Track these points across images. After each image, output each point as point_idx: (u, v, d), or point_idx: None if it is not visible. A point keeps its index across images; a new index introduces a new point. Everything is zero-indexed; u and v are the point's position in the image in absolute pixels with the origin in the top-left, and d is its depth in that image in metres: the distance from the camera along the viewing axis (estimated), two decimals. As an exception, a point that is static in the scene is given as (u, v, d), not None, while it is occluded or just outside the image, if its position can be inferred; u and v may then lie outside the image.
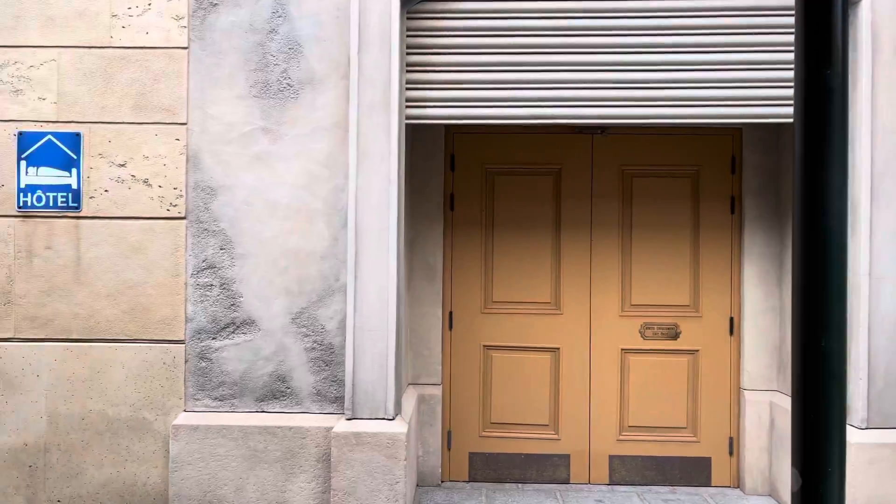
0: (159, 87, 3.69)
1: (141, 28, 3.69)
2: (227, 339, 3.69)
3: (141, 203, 3.69)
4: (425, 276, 4.51)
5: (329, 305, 3.68)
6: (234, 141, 3.69)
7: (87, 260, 3.69)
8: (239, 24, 3.70)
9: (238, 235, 3.69)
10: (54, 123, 3.70)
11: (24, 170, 3.69)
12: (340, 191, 3.68)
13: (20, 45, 3.69)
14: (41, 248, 3.69)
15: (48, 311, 3.69)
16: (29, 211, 3.69)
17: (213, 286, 3.69)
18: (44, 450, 3.67)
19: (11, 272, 3.69)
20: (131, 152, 3.69)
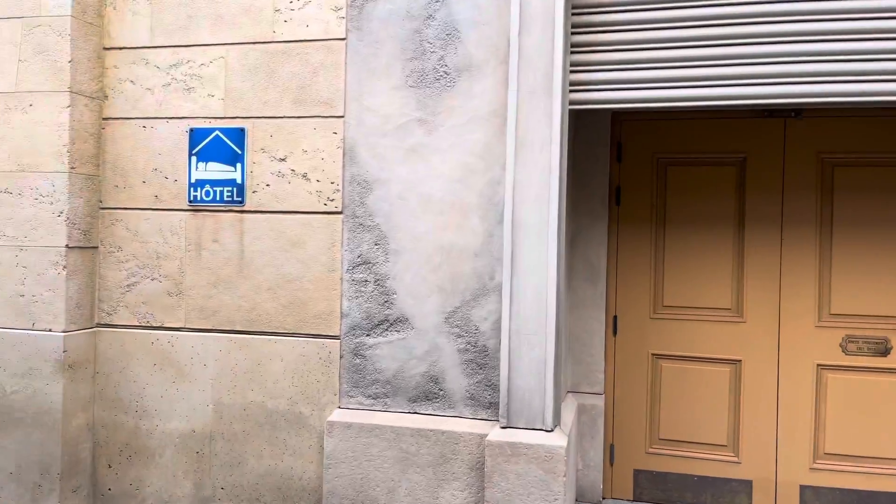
0: (318, 81, 3.66)
1: (301, 21, 3.68)
2: (381, 337, 3.60)
3: (300, 197, 3.69)
4: (587, 277, 4.17)
5: (483, 305, 3.47)
6: (390, 133, 3.58)
7: (250, 253, 3.75)
8: (396, 12, 3.58)
9: (392, 230, 3.58)
10: (221, 119, 3.79)
11: (194, 165, 3.82)
12: (497, 183, 3.45)
13: (192, 44, 3.82)
14: (209, 242, 3.80)
15: (214, 302, 3.79)
16: (198, 205, 3.81)
17: (368, 282, 3.61)
18: (209, 437, 3.78)
19: (183, 264, 3.83)
20: (291, 146, 3.70)
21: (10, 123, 3.77)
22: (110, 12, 3.91)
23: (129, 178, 3.90)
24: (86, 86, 3.81)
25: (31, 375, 3.74)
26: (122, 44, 3.90)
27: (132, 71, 3.89)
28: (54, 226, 3.73)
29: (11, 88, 3.77)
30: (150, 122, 3.87)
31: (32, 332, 3.75)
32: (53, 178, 3.73)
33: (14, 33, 3.76)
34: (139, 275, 3.89)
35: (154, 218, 3.87)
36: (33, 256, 3.75)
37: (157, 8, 3.85)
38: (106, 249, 3.93)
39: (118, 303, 3.91)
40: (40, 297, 3.74)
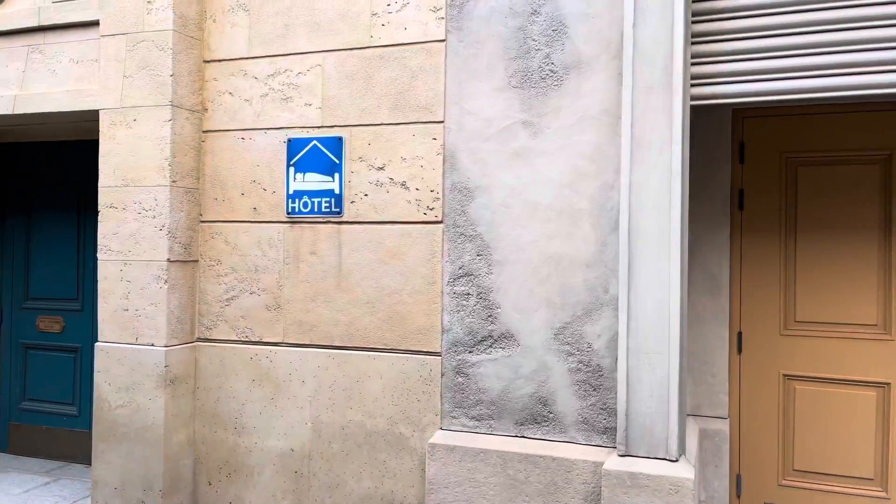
0: (416, 85, 3.50)
1: (399, 24, 3.54)
2: (485, 354, 3.38)
3: (398, 207, 3.53)
4: (707, 289, 3.81)
5: (596, 321, 3.19)
6: (492, 137, 3.37)
7: (348, 266, 3.62)
8: (498, 10, 3.38)
9: (496, 240, 3.36)
10: (319, 129, 3.69)
11: (292, 176, 3.74)
12: (609, 188, 3.17)
13: (290, 53, 3.74)
14: (307, 254, 3.70)
15: (312, 316, 3.68)
16: (296, 217, 3.72)
17: (470, 295, 3.40)
18: (308, 457, 3.66)
19: (281, 277, 3.75)
20: (389, 154, 3.55)
21: (115, 139, 3.81)
22: (210, 25, 3.90)
23: (227, 191, 3.86)
24: (186, 99, 3.80)
25: (134, 390, 3.74)
26: (222, 56, 3.88)
27: (231, 83, 3.86)
28: (156, 240, 3.73)
29: (116, 104, 3.81)
30: (248, 133, 3.82)
31: (136, 346, 3.75)
32: (155, 192, 3.73)
33: (119, 50, 3.80)
34: (238, 288, 3.83)
35: (253, 230, 3.81)
36: (136, 270, 3.76)
37: (256, 18, 3.81)
38: (206, 263, 3.90)
39: (218, 317, 3.87)
40: (143, 311, 3.74)
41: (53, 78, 4.04)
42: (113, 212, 3.81)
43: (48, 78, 4.04)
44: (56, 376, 4.93)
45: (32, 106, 4.02)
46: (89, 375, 4.78)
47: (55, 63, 4.04)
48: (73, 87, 3.96)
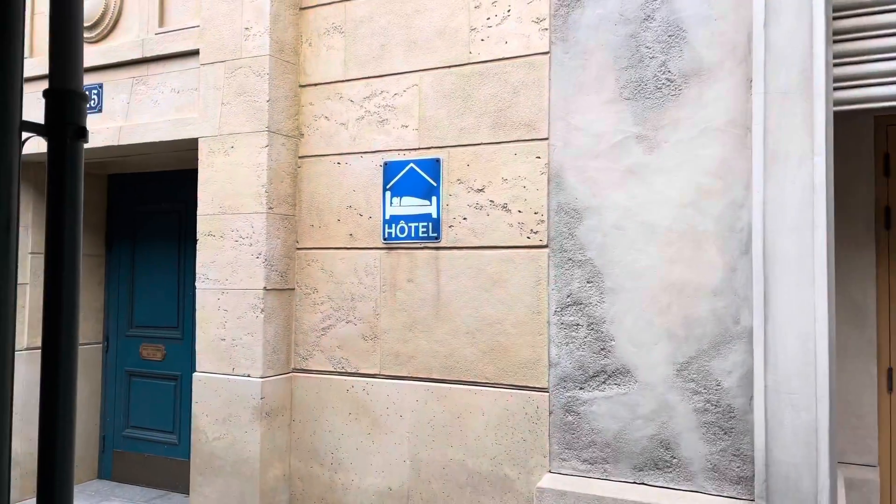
0: (518, 101, 3.29)
1: (499, 38, 3.35)
2: (597, 391, 3.08)
3: (499, 231, 3.31)
4: (850, 319, 3.37)
5: (726, 356, 2.84)
6: (602, 154, 3.11)
7: (447, 294, 3.42)
8: (607, 17, 3.13)
9: (607, 266, 3.08)
10: (416, 151, 3.53)
11: (388, 200, 3.59)
12: (738, 207, 2.84)
13: (385, 74, 3.62)
14: (403, 281, 3.53)
15: (410, 347, 3.50)
16: (393, 242, 3.57)
17: (580, 326, 3.12)
18: (407, 497, 3.45)
19: (377, 306, 3.59)
20: (489, 175, 3.35)
21: (213, 166, 3.79)
22: (306, 49, 3.84)
23: (323, 217, 3.76)
24: (283, 124, 3.74)
25: (230, 422, 3.66)
26: (317, 80, 3.80)
27: (327, 106, 3.77)
28: (253, 268, 3.66)
29: (215, 132, 3.79)
30: (344, 157, 3.71)
31: (232, 376, 3.67)
32: (252, 220, 3.67)
33: (217, 77, 3.79)
34: (334, 317, 3.70)
35: (349, 257, 3.68)
36: (233, 299, 3.70)
37: (351, 40, 3.72)
38: (302, 291, 3.80)
39: (314, 347, 3.75)
40: (240, 340, 3.67)
41: (156, 108, 4.08)
42: (211, 240, 3.78)
43: (151, 108, 4.09)
44: (157, 404, 4.96)
45: (136, 136, 4.08)
46: (189, 404, 4.78)
47: (158, 93, 4.09)
48: (175, 117, 3.99)
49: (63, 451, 1.18)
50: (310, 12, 3.84)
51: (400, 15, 3.60)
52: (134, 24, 4.16)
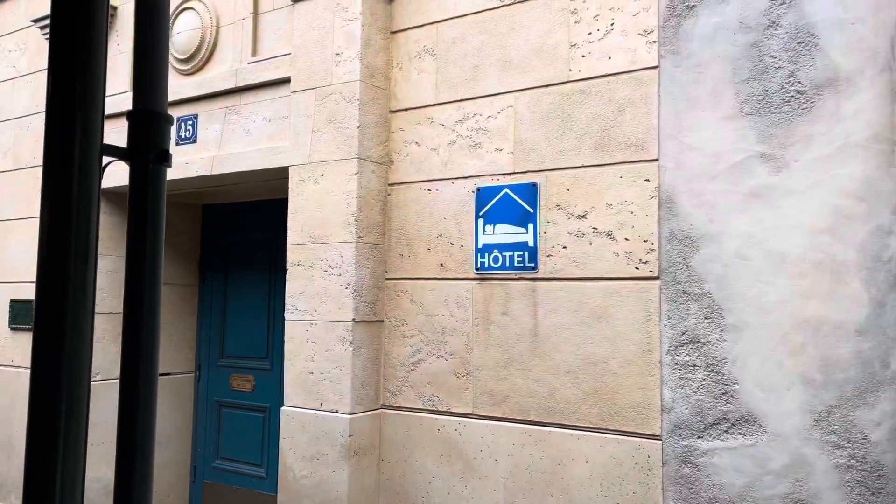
0: (623, 120, 3.04)
1: (602, 53, 3.12)
2: (719, 441, 2.74)
3: (604, 261, 3.04)
4: None
5: (873, 405, 2.46)
6: (721, 175, 2.80)
7: (545, 328, 3.17)
8: (724, 25, 2.85)
9: (728, 300, 2.75)
10: (510, 175, 3.33)
11: (481, 228, 3.39)
12: (886, 233, 2.47)
13: (478, 96, 3.45)
14: (497, 314, 3.31)
15: (505, 385, 3.26)
16: (485, 273, 3.36)
17: (697, 367, 2.80)
18: (501, 548, 3.19)
19: (470, 340, 3.38)
20: (592, 201, 3.09)
21: (303, 195, 3.71)
22: (396, 74, 3.73)
23: (413, 246, 3.60)
24: (373, 151, 3.63)
25: (318, 459, 3.51)
26: (408, 104, 3.67)
27: (417, 132, 3.63)
28: (342, 298, 3.52)
29: (305, 160, 3.71)
30: (434, 184, 3.55)
31: (320, 412, 3.53)
32: (341, 249, 3.55)
33: (308, 105, 3.72)
34: (424, 351, 3.51)
35: (440, 288, 3.49)
36: (321, 331, 3.58)
37: (443, 62, 3.57)
38: (391, 323, 3.64)
39: (403, 382, 3.57)
40: (328, 374, 3.53)
41: (248, 137, 4.06)
42: (300, 270, 3.68)
43: (243, 137, 4.08)
44: (246, 436, 4.91)
45: (229, 166, 4.07)
46: (276, 436, 4.69)
47: (250, 122, 4.07)
48: (266, 146, 3.95)
49: (142, 482, 1.12)
50: (400, 36, 3.73)
51: (494, 34, 3.43)
52: (228, 55, 4.18)
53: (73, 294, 1.17)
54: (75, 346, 1.08)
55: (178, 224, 5.15)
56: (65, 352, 1.07)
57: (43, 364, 1.03)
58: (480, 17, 3.47)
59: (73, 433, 1.00)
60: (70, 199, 1.18)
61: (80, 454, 0.99)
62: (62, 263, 1.17)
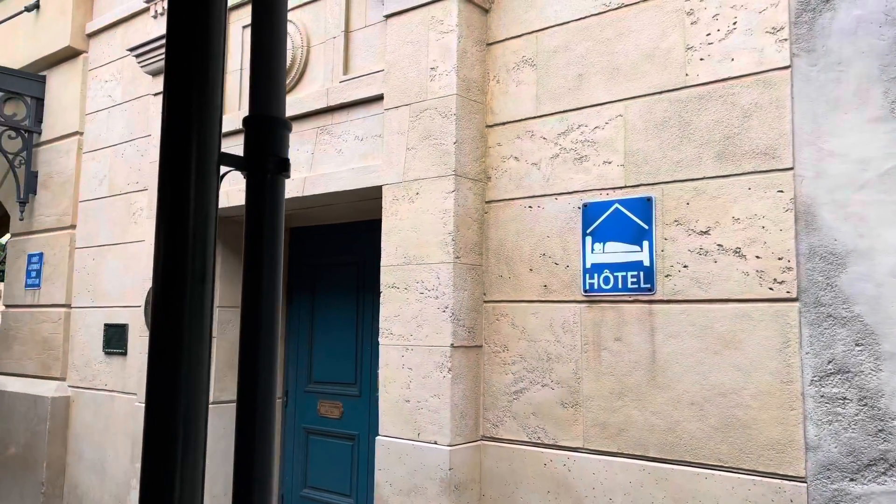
0: (750, 126, 2.77)
1: (723, 55, 2.86)
2: (875, 484, 2.40)
3: (731, 280, 2.76)
4: None
5: None
6: (870, 184, 2.49)
7: (664, 355, 2.90)
8: (868, 18, 2.56)
9: (884, 324, 2.43)
10: (621, 189, 3.09)
11: (589, 247, 3.16)
12: None
13: (583, 107, 3.24)
14: (609, 340, 3.06)
15: (619, 417, 3.00)
16: (595, 295, 3.12)
17: (848, 400, 2.48)
18: None
19: (578, 368, 3.13)
20: (716, 215, 2.82)
21: (397, 215, 3.57)
22: (493, 86, 3.57)
23: (514, 267, 3.39)
24: (469, 167, 3.46)
25: (416, 494, 3.31)
26: (506, 118, 3.50)
27: (516, 146, 3.45)
28: (439, 322, 3.35)
29: (399, 178, 3.58)
30: (536, 200, 3.35)
31: (418, 443, 3.34)
32: (438, 270, 3.38)
33: (402, 122, 3.60)
34: (527, 379, 3.29)
35: (543, 311, 3.27)
36: (418, 357, 3.40)
37: (544, 72, 3.39)
38: (490, 349, 3.44)
39: (504, 412, 3.35)
40: (425, 403, 3.35)
41: (339, 157, 3.97)
42: (395, 292, 3.53)
43: (335, 157, 3.99)
44: (334, 465, 4.77)
45: (320, 186, 3.98)
46: (366, 466, 4.54)
47: (341, 142, 3.98)
48: (358, 165, 3.84)
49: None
50: (497, 47, 3.57)
51: (599, 41, 3.22)
52: (319, 74, 4.12)
53: (191, 317, 1.03)
54: (192, 372, 0.99)
55: (266, 247, 5.11)
56: (181, 378, 0.97)
57: (158, 391, 0.94)
58: (584, 23, 3.28)
59: (190, 464, 0.92)
60: (186, 212, 1.06)
61: (198, 488, 0.92)
62: (179, 283, 1.04)
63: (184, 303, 1.02)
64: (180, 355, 0.98)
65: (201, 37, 1.13)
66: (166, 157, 1.07)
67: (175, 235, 1.07)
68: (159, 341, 0.95)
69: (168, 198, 1.04)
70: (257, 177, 1.41)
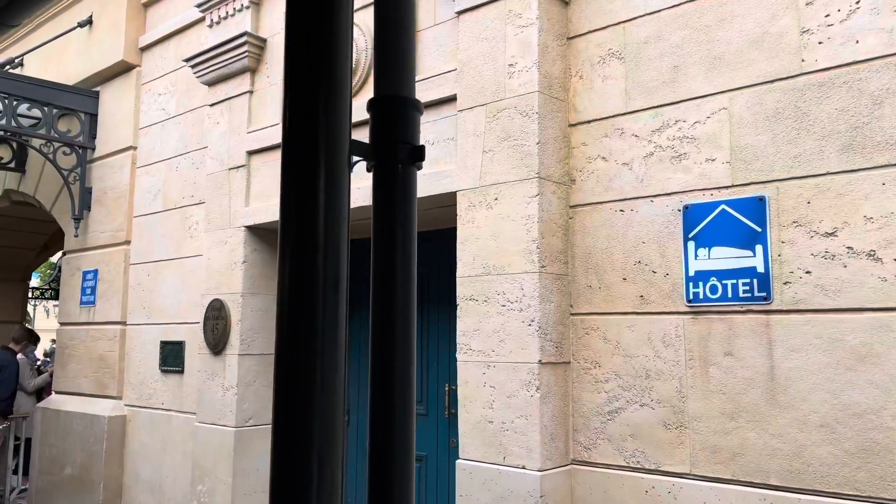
0: (882, 114, 2.48)
1: (846, 37, 2.58)
2: None
3: (865, 287, 2.46)
4: None
5: None
6: None
7: (784, 371, 2.60)
8: None
9: None
10: (727, 189, 2.82)
11: (691, 253, 2.89)
12: None
13: (680, 100, 2.98)
14: (719, 355, 2.77)
15: (733, 440, 2.70)
16: (700, 305, 2.84)
17: None
18: None
19: (683, 386, 2.85)
20: (844, 214, 2.53)
21: (474, 222, 3.34)
22: (576, 83, 3.33)
23: (604, 276, 3.13)
24: (553, 169, 3.22)
25: (504, 524, 3.06)
26: (591, 116, 3.25)
27: (603, 145, 3.20)
28: (524, 337, 3.10)
29: (475, 183, 3.35)
30: (628, 203, 3.09)
31: (504, 467, 3.09)
32: (521, 280, 3.13)
33: (477, 124, 3.38)
34: (623, 398, 3.01)
35: (640, 324, 3.00)
36: (501, 374, 3.15)
37: (633, 65, 3.14)
38: (579, 365, 3.17)
39: (598, 434, 3.07)
40: (510, 424, 3.09)
41: (408, 163, 3.75)
42: (473, 305, 3.29)
43: (403, 164, 3.78)
44: (402, 487, 4.52)
45: (388, 194, 3.76)
46: (435, 489, 4.29)
47: (409, 147, 3.77)
48: (429, 171, 3.63)
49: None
50: (579, 41, 3.34)
51: (697, 28, 2.96)
52: (384, 78, 3.92)
53: (323, 331, 0.87)
54: (326, 398, 0.84)
55: (325, 260, 4.92)
56: (314, 404, 0.83)
57: (288, 417, 0.80)
58: (679, 10, 3.02)
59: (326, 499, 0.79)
60: (316, 211, 0.88)
61: (337, 492, 0.82)
62: (310, 293, 0.87)
63: (315, 315, 0.85)
64: (312, 375, 0.83)
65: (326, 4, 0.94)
66: (292, 150, 0.87)
67: (304, 240, 0.86)
68: (287, 359, 0.82)
69: (294, 198, 0.87)
70: (387, 168, 1.19)
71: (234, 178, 4.61)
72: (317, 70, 0.93)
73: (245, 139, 4.56)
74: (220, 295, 4.55)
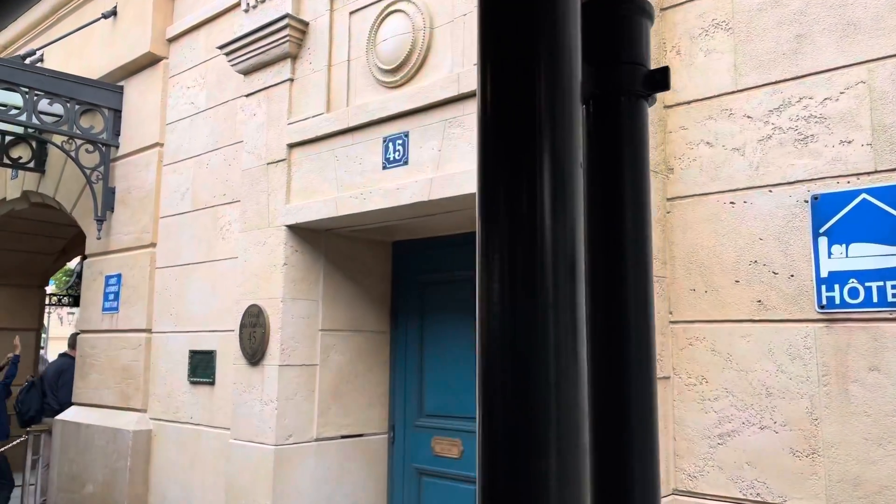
0: None
1: None
2: None
3: None
4: None
5: None
6: None
7: (949, 390, 2.18)
8: None
9: None
10: (869, 175, 2.41)
11: (823, 250, 2.48)
12: None
13: (805, 74, 2.58)
14: (861, 370, 2.36)
15: (881, 471, 2.29)
16: (836, 312, 2.43)
17: None
18: None
19: (814, 405, 2.43)
20: None
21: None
22: (672, 59, 2.93)
23: (711, 278, 2.73)
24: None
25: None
26: (692, 96, 2.86)
27: (708, 129, 2.80)
28: (619, 348, 2.68)
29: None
30: (740, 194, 2.69)
31: (599, 499, 2.67)
32: (615, 283, 2.72)
33: (557, 106, 2.98)
34: (738, 419, 2.60)
35: (758, 334, 2.59)
36: (592, 391, 2.74)
37: (744, 37, 2.74)
38: (681, 380, 2.76)
39: (706, 461, 2.66)
40: (605, 448, 2.68)
41: (474, 153, 3.37)
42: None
43: (468, 154, 3.39)
44: (457, 514, 4.12)
45: (450, 188, 3.38)
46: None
47: (475, 135, 3.38)
48: (500, 160, 3.23)
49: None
50: (675, 12, 2.95)
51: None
52: (445, 59, 3.54)
53: (556, 324, 0.63)
54: (564, 412, 0.61)
55: (369, 262, 4.54)
56: (551, 421, 0.60)
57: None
58: (801, -29, 2.62)
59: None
60: (539, 167, 0.65)
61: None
62: (538, 282, 0.64)
63: (546, 303, 0.63)
64: (545, 380, 0.61)
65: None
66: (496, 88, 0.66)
67: (524, 209, 0.65)
68: (507, 359, 0.62)
69: (506, 153, 0.67)
70: (622, 103, 0.82)
71: (272, 173, 4.23)
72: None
73: (285, 131, 4.18)
74: (258, 300, 4.17)
